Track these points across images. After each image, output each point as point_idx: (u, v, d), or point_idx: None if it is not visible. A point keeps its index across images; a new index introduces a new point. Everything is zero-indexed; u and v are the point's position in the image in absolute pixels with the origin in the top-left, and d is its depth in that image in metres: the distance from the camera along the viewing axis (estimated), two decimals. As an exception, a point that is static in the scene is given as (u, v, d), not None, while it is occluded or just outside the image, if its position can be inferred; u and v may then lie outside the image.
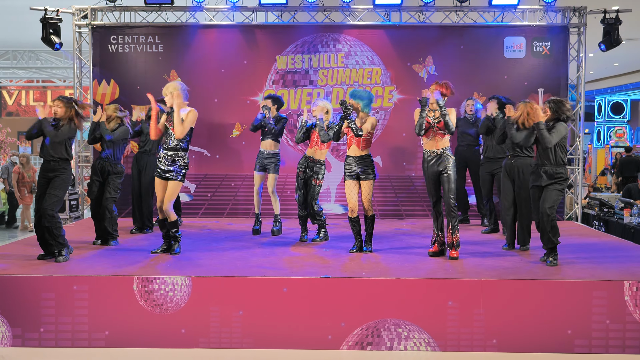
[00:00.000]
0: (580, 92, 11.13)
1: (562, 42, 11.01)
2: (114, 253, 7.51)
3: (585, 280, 6.19)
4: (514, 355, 6.04)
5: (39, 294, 6.18)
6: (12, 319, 6.17)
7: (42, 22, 10.93)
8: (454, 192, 7.17)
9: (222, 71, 11.05)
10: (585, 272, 6.53)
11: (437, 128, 7.12)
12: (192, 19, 11.17)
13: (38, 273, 6.35)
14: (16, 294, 6.17)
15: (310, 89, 11.03)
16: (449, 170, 7.14)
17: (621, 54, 17.41)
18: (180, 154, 7.24)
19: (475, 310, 6.13)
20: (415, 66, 11.03)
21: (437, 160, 7.19)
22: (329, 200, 10.97)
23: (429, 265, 6.87)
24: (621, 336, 6.09)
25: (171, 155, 7.23)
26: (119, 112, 8.28)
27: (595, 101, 27.01)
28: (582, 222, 11.14)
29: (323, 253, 7.56)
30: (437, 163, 7.19)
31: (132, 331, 6.18)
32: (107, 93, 11.04)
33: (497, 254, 7.57)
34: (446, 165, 7.15)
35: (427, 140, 7.26)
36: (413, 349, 6.12)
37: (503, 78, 10.97)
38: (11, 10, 14.52)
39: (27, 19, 12.13)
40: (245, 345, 6.16)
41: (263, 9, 11.05)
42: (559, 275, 6.41)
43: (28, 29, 13.90)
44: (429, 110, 7.17)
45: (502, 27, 11.03)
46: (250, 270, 6.55)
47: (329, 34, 11.09)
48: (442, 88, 7.26)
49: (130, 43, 11.08)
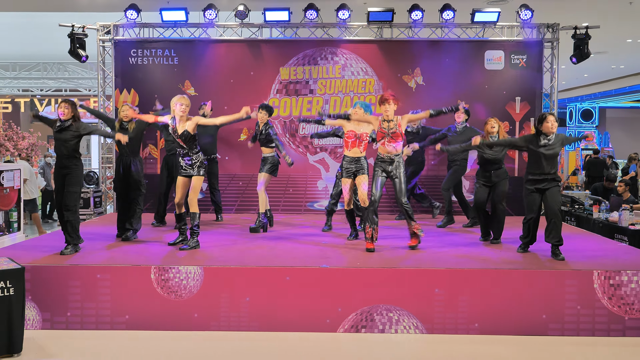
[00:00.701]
0: (553, 100, 11.12)
1: (537, 55, 11.00)
2: (133, 245, 7.49)
3: (559, 270, 6.17)
4: (494, 338, 6.03)
5: (67, 282, 6.17)
6: (42, 304, 6.16)
7: (70, 37, 10.93)
8: (404, 193, 7.21)
9: (231, 81, 11.03)
10: (558, 263, 6.51)
11: (390, 137, 7.15)
12: (204, 34, 11.15)
13: (65, 263, 6.34)
14: (46, 282, 6.15)
15: (310, 97, 11.01)
16: (400, 175, 7.18)
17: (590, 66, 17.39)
18: (195, 156, 7.23)
19: (459, 297, 6.12)
20: (405, 77, 11.01)
21: (389, 165, 7.21)
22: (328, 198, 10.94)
23: (418, 257, 6.85)
24: (591, 320, 6.08)
25: (187, 160, 7.24)
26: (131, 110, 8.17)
27: (567, 108, 27.03)
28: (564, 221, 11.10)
29: (322, 245, 7.54)
30: (388, 167, 7.21)
31: (149, 315, 6.17)
32: (127, 101, 11.02)
33: (478, 245, 7.57)
34: (397, 169, 7.20)
35: (381, 147, 7.26)
36: (403, 332, 6.11)
37: (484, 88, 10.95)
38: (42, 26, 14.51)
39: (56, 34, 12.10)
40: (252, 328, 6.15)
41: (268, 26, 11.03)
42: (534, 265, 6.40)
43: (57, 43, 13.90)
44: (384, 121, 7.19)
45: (483, 42, 11.01)
46: (256, 261, 6.53)
47: (327, 48, 11.06)
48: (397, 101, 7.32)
49: (148, 56, 11.06)
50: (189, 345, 5.79)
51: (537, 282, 6.11)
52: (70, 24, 10.93)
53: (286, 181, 10.86)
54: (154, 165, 10.93)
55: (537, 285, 6.10)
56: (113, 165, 11.08)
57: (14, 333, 5.38)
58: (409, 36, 11.02)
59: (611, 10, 12.13)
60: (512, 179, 11.01)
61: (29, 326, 6.11)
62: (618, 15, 12.55)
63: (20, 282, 5.43)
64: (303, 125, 10.98)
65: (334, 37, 11.13)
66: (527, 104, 10.95)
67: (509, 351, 5.73)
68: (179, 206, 7.35)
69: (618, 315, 6.08)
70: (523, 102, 10.96)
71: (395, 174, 7.17)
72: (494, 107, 10.70)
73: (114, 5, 11.64)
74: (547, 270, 6.17)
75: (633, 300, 6.07)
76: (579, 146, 24.92)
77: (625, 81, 22.21)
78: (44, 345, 5.77)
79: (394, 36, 11.07)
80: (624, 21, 13.14)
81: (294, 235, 8.38)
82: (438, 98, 10.73)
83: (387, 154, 7.18)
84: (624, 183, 11.42)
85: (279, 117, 10.95)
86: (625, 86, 22.33)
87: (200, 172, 7.23)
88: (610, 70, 21.00)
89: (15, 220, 10.22)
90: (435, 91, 10.88)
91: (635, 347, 5.82)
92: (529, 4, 10.66)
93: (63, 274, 6.18)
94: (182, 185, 7.31)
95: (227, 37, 11.12)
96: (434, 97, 10.76)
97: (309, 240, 7.88)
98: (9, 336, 5.36)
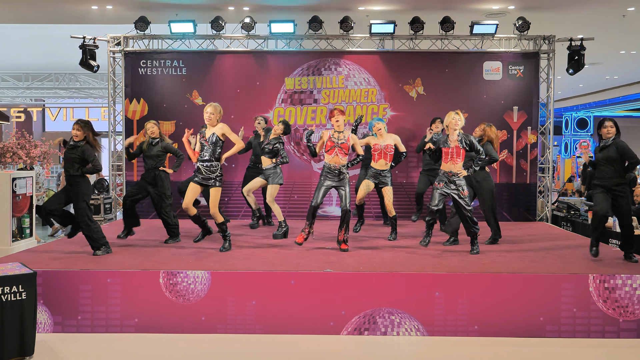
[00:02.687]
0: (549, 110, 11.11)
1: (534, 66, 11.01)
2: (143, 250, 7.50)
3: (555, 274, 6.17)
4: (493, 340, 6.02)
5: (77, 286, 6.17)
6: (54, 308, 6.16)
7: (81, 48, 10.98)
8: (349, 201, 7.47)
9: (238, 91, 11.05)
10: (555, 267, 6.51)
11: (339, 148, 7.47)
12: (211, 46, 11.19)
13: (76, 268, 6.34)
14: (57, 286, 6.15)
15: (314, 107, 11.03)
16: (345, 185, 7.50)
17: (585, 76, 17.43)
18: (215, 163, 7.24)
19: (459, 300, 6.11)
20: (406, 87, 11.02)
21: (337, 175, 7.52)
22: (331, 204, 10.96)
23: (419, 261, 6.84)
24: (586, 322, 6.07)
25: (208, 166, 7.24)
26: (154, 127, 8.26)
27: (563, 117, 27.01)
28: (552, 223, 11.11)
29: (325, 250, 7.53)
30: (335, 177, 7.52)
31: (158, 319, 6.16)
32: (137, 110, 11.05)
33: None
34: (343, 180, 7.52)
35: (329, 157, 7.55)
36: (404, 334, 6.10)
37: (483, 97, 10.97)
38: (54, 38, 14.57)
39: (68, 45, 12.16)
40: (258, 330, 6.14)
41: (273, 37, 11.05)
42: (532, 269, 6.39)
43: (69, 54, 13.93)
44: (335, 132, 7.53)
45: (481, 53, 11.03)
46: (262, 265, 6.52)
47: (331, 59, 11.09)
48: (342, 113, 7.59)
49: (157, 67, 11.09)
50: (196, 348, 5.78)
51: (534, 285, 6.10)
52: (81, 35, 10.98)
53: (291, 188, 10.88)
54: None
55: (535, 288, 6.09)
56: (123, 172, 11.10)
57: (25, 336, 5.38)
58: (410, 47, 11.04)
59: (605, 23, 12.14)
60: (509, 185, 11.03)
61: (41, 329, 6.11)
62: (612, 28, 12.55)
63: (32, 287, 5.43)
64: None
65: (337, 48, 11.16)
66: (524, 113, 10.95)
67: (508, 352, 5.71)
68: (189, 210, 7.38)
69: (613, 318, 6.07)
70: (520, 111, 10.97)
71: (340, 185, 7.49)
72: (493, 116, 10.70)
73: (124, 18, 11.68)
74: (544, 274, 6.16)
75: (627, 303, 6.06)
76: (575, 154, 24.89)
77: (618, 91, 22.20)
78: (55, 348, 5.76)
79: (396, 47, 11.09)
80: (617, 33, 13.15)
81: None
82: (438, 107, 10.76)
83: (334, 164, 7.48)
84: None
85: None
86: (619, 96, 22.33)
87: (216, 184, 7.26)
88: (605, 81, 21.00)
89: (28, 226, 10.23)
90: (436, 100, 10.90)
91: (629, 349, 5.81)
92: (525, 17, 10.68)
93: (74, 279, 6.18)
94: (193, 192, 7.33)
95: (233, 48, 11.15)
96: (434, 107, 10.79)
97: (313, 246, 7.88)
98: (21, 339, 5.36)
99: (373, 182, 8.34)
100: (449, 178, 7.25)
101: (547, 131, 11.13)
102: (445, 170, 7.27)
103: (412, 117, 10.90)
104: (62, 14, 11.84)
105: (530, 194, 11.00)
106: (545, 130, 11.13)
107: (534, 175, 11.04)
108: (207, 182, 7.26)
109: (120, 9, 11.36)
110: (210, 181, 7.25)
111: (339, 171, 7.49)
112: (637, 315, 6.08)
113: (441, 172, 7.34)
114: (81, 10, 11.40)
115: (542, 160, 11.19)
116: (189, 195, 7.33)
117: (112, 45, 11.19)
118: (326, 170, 7.55)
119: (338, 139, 7.49)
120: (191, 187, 7.33)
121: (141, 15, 10.85)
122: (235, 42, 11.18)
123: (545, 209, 11.13)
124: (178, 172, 9.65)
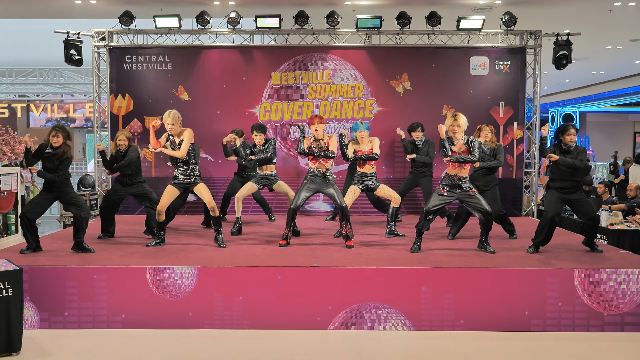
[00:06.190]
0: (536, 105, 11.19)
1: (520, 61, 11.09)
2: (129, 247, 7.51)
3: (541, 268, 6.24)
4: (479, 334, 6.09)
5: (64, 282, 6.17)
6: (40, 304, 6.17)
7: (65, 43, 10.92)
8: (340, 195, 7.46)
9: (224, 86, 11.06)
10: (541, 261, 6.59)
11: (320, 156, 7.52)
12: (197, 40, 11.17)
13: (63, 264, 6.35)
14: (44, 283, 6.16)
15: (301, 102, 11.05)
16: (330, 186, 7.49)
17: (571, 71, 17.55)
18: (192, 167, 7.36)
19: (445, 295, 6.17)
20: (393, 82, 11.07)
21: (321, 178, 7.54)
22: (318, 199, 11.00)
23: (405, 256, 6.90)
24: (571, 316, 6.16)
25: (184, 170, 7.36)
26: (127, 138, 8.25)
27: (549, 113, 27.19)
28: (538, 218, 11.20)
29: (312, 246, 7.57)
30: (319, 180, 7.54)
31: (145, 314, 6.19)
32: (122, 106, 11.02)
33: (463, 247, 7.63)
34: (327, 182, 7.53)
35: (312, 164, 7.58)
36: (391, 329, 6.16)
37: (469, 93, 11.04)
38: (38, 33, 14.48)
39: (52, 41, 12.08)
40: (245, 326, 6.18)
41: (259, 32, 11.05)
42: (518, 264, 6.46)
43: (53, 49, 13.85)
44: (314, 140, 7.53)
45: (468, 48, 11.09)
46: (249, 261, 6.55)
47: (318, 54, 11.11)
48: (323, 121, 7.60)
49: (143, 62, 11.06)
50: (183, 343, 5.81)
51: (520, 280, 6.17)
52: (65, 30, 10.92)
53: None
54: (149, 168, 10.93)
55: (520, 283, 6.17)
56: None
57: (12, 332, 5.39)
58: (396, 43, 11.09)
59: (591, 18, 12.25)
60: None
61: (28, 326, 6.12)
62: (598, 23, 12.67)
63: (18, 283, 5.43)
64: (294, 129, 11.01)
65: (324, 43, 11.17)
66: (511, 109, 11.03)
67: (494, 346, 5.79)
68: (160, 214, 7.41)
69: (597, 312, 6.16)
70: (507, 106, 11.05)
71: (324, 188, 7.50)
72: (479, 112, 10.78)
73: (108, 12, 11.64)
74: (530, 268, 6.24)
75: (612, 297, 6.15)
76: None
77: (604, 86, 22.41)
78: (42, 344, 5.77)
79: (382, 42, 11.12)
80: (603, 29, 13.28)
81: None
82: (425, 102, 10.83)
83: (319, 168, 7.52)
84: (603, 184, 11.55)
85: (271, 121, 10.98)
86: (604, 91, 22.53)
87: (199, 181, 7.40)
88: (591, 76, 21.18)
89: (13, 222, 10.19)
90: (422, 96, 10.96)
91: (613, 342, 5.89)
92: (512, 12, 10.75)
93: (60, 275, 6.19)
94: (170, 196, 7.40)
95: (219, 43, 11.13)
96: (420, 102, 10.86)
97: (299, 241, 7.91)
98: (8, 336, 5.37)
99: (360, 187, 8.03)
100: (454, 182, 7.05)
101: (533, 126, 11.23)
102: (451, 174, 7.05)
103: (399, 112, 10.94)
104: (45, 8, 11.78)
105: (516, 189, 11.10)
106: (532, 125, 11.23)
107: (520, 170, 11.14)
108: (188, 181, 7.36)
109: (104, 4, 11.32)
110: (191, 178, 7.37)
111: (323, 175, 7.52)
112: (621, 309, 6.17)
113: (446, 176, 7.11)
114: (65, 4, 11.35)
115: (528, 156, 11.30)
116: (165, 198, 7.35)
117: (97, 40, 11.14)
118: (310, 174, 7.57)
119: (318, 147, 7.47)
120: (169, 189, 7.39)
121: (126, 10, 10.80)
122: (221, 37, 11.17)
123: (532, 204, 11.24)
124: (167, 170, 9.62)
